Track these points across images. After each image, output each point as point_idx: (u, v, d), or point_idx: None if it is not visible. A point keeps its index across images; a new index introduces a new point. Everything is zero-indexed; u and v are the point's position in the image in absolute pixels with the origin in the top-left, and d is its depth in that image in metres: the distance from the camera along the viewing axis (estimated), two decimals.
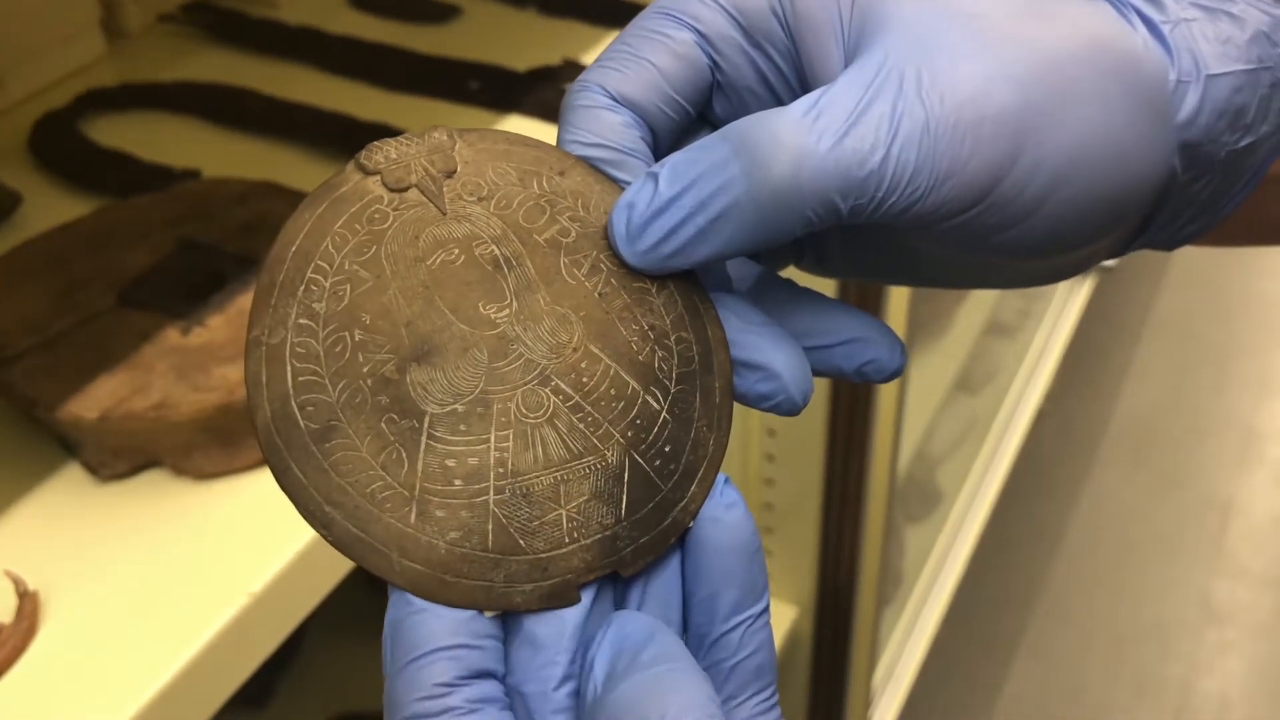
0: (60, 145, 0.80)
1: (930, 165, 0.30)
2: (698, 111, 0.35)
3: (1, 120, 0.83)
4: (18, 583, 0.53)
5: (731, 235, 0.31)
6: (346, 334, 0.31)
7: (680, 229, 0.31)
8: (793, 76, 0.34)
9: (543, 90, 0.85)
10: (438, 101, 0.86)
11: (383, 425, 0.31)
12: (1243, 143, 0.34)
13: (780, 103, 0.34)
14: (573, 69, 0.88)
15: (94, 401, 0.57)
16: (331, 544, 0.30)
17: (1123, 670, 1.80)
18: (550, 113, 0.83)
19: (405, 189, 0.33)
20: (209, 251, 0.66)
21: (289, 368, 0.31)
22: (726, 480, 0.32)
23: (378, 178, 0.33)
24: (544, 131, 0.82)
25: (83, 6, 0.88)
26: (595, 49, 0.91)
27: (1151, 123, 0.33)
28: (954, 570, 1.60)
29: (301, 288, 0.32)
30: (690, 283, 0.34)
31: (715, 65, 0.34)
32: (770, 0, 0.34)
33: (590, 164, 0.34)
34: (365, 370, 0.31)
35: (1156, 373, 2.28)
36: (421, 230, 0.33)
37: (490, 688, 0.29)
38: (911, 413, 1.48)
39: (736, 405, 0.34)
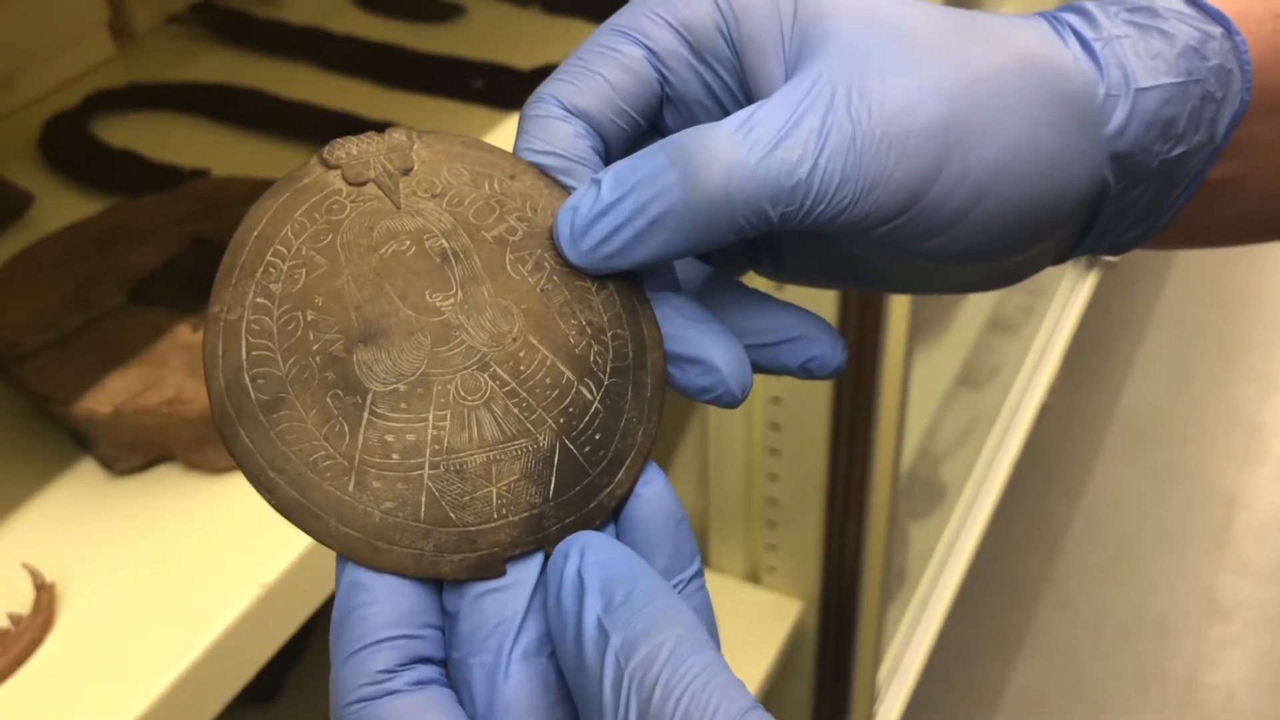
0: (70, 145, 0.81)
1: (856, 175, 0.32)
2: (649, 123, 0.37)
3: (12, 121, 0.84)
4: (35, 575, 0.54)
5: (668, 239, 0.33)
6: (299, 314, 0.33)
7: (619, 231, 0.33)
8: (738, 90, 0.36)
9: None
10: (442, 100, 0.87)
11: (328, 400, 0.33)
12: (1175, 152, 0.36)
13: (726, 114, 0.36)
14: None
15: (107, 397, 0.58)
16: (274, 508, 0.32)
17: (1127, 664, 1.80)
18: None
19: (363, 183, 0.35)
20: (218, 249, 0.66)
21: (244, 343, 0.33)
22: (650, 464, 0.34)
23: (338, 172, 0.35)
24: None
25: (91, 8, 0.89)
26: None
27: (1079, 135, 0.34)
28: (958, 565, 1.61)
29: (260, 269, 0.33)
30: (629, 284, 0.36)
31: (664, 79, 0.36)
32: (715, 19, 0.35)
33: (541, 170, 0.36)
34: (315, 348, 0.33)
35: (1160, 368, 2.28)
36: (376, 222, 0.35)
37: (430, 671, 0.31)
38: (915, 408, 1.49)
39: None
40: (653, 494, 0.34)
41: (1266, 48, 0.37)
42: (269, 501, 0.32)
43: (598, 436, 0.34)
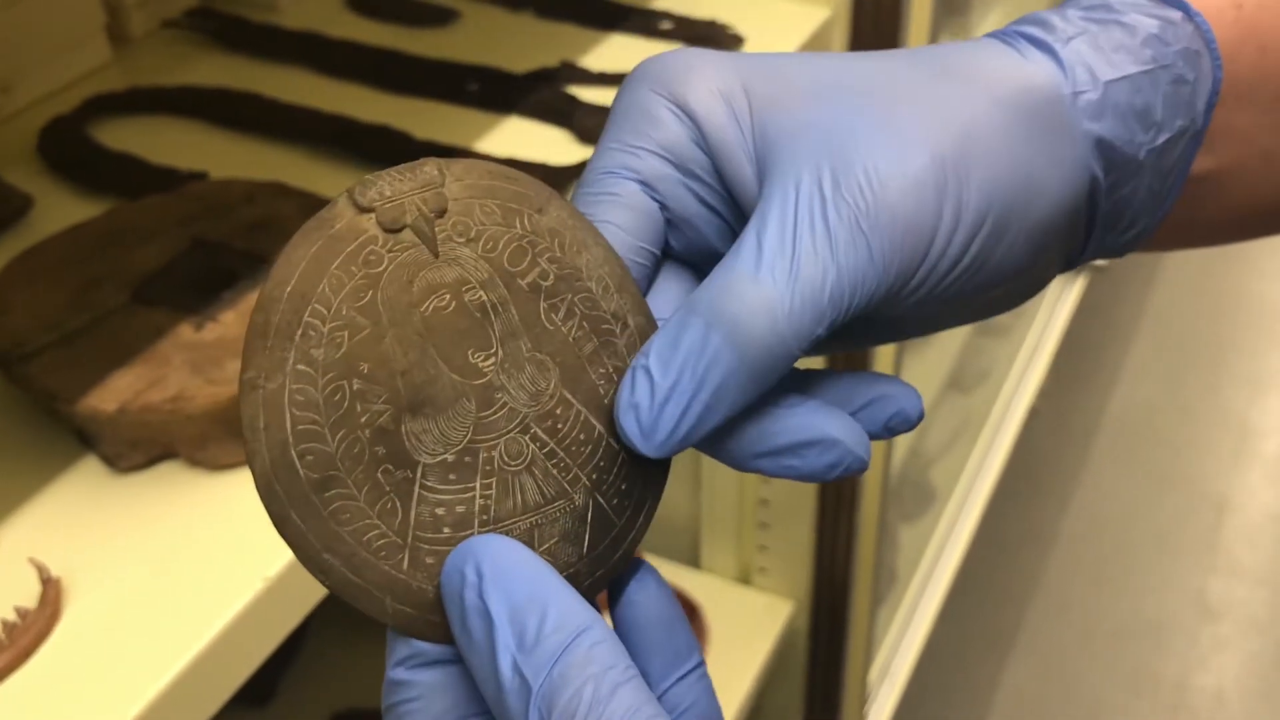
0: (69, 149, 0.82)
1: (872, 257, 0.32)
2: (662, 251, 0.37)
3: (11, 125, 0.84)
4: (41, 570, 0.55)
5: (735, 399, 0.32)
6: (345, 383, 0.32)
7: (688, 411, 0.32)
8: (727, 195, 0.36)
9: (540, 92, 0.86)
10: (436, 103, 0.87)
11: (379, 475, 0.32)
12: (1159, 140, 0.36)
13: (725, 222, 0.36)
14: (569, 71, 0.89)
15: (111, 395, 0.58)
16: (327, 587, 0.32)
17: (1118, 667, 1.81)
18: (547, 114, 0.85)
19: (400, 229, 0.33)
20: (219, 249, 0.67)
21: (288, 415, 0.31)
22: (643, 565, 0.34)
23: (372, 216, 0.33)
24: (541, 131, 0.84)
25: (88, 13, 0.89)
26: (591, 51, 0.93)
27: (1057, 140, 0.35)
28: (949, 568, 1.62)
29: (299, 332, 0.32)
30: (646, 319, 0.35)
31: (661, 205, 0.36)
32: (688, 133, 0.35)
33: (563, 200, 0.35)
34: (363, 420, 0.32)
35: (1150, 370, 2.29)
36: (415, 274, 0.33)
37: None
38: None
39: None
40: (646, 599, 0.34)
41: (1230, 34, 0.37)
42: (322, 582, 0.32)
43: (624, 487, 0.34)
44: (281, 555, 0.56)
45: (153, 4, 0.95)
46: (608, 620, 0.32)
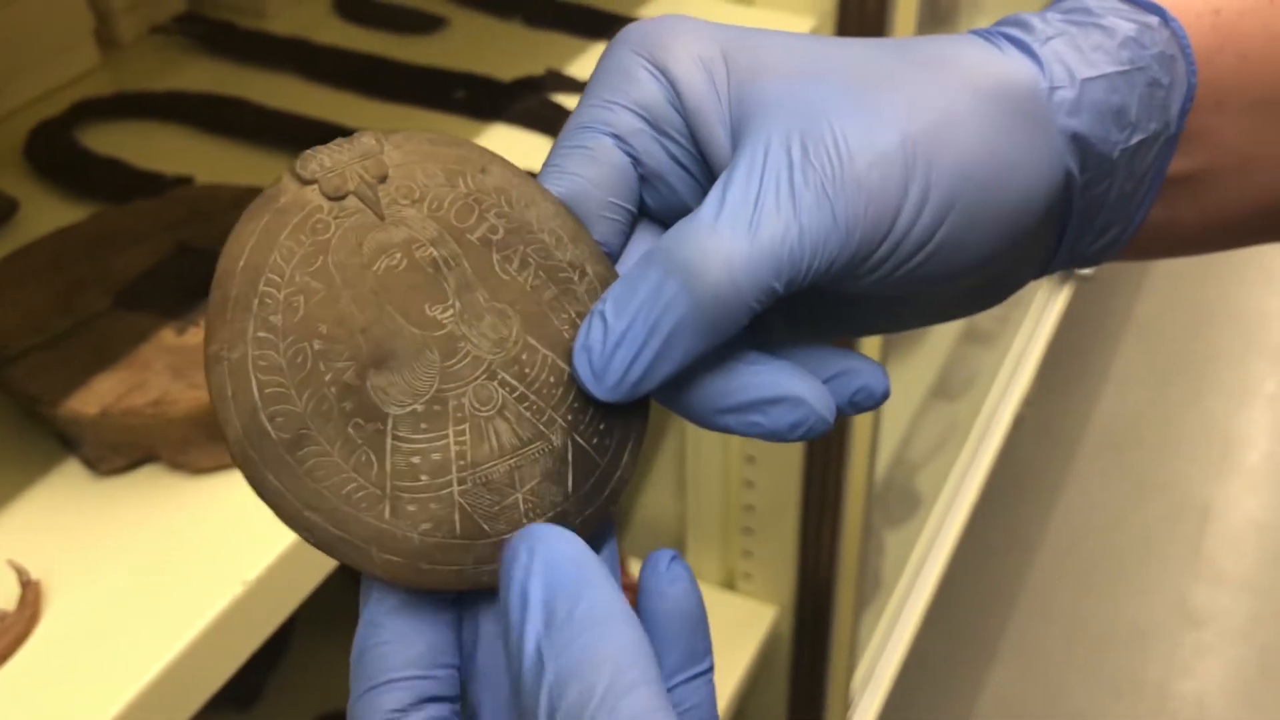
0: (55, 153, 0.82)
1: (836, 222, 0.33)
2: (637, 207, 0.37)
3: None
4: (21, 572, 0.55)
5: (688, 346, 0.33)
6: (306, 344, 0.33)
7: (640, 356, 0.33)
8: (700, 156, 0.37)
9: (527, 99, 0.87)
10: (423, 110, 0.88)
11: (350, 430, 0.33)
12: (1133, 140, 0.37)
13: (697, 181, 0.37)
14: (556, 79, 0.90)
15: (93, 398, 0.59)
16: (314, 545, 0.32)
17: (1101, 672, 1.82)
18: (533, 122, 0.85)
19: (343, 197, 0.34)
20: (203, 255, 0.68)
21: (254, 380, 0.32)
22: (674, 557, 0.34)
23: (315, 187, 0.34)
24: (529, 140, 0.85)
25: (77, 18, 0.90)
26: (578, 60, 0.93)
27: (1033, 133, 0.35)
28: (934, 573, 1.62)
29: (256, 301, 0.33)
30: (606, 268, 0.36)
31: (635, 160, 0.37)
32: (664, 93, 0.36)
33: (505, 160, 0.36)
34: (328, 379, 0.33)
35: (1134, 379, 2.30)
36: (364, 237, 0.34)
37: (441, 710, 0.32)
38: (889, 418, 1.51)
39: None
40: (677, 593, 0.33)
41: (1207, 40, 0.38)
42: (308, 540, 0.32)
43: (602, 426, 0.35)
44: (261, 558, 0.57)
45: (141, 9, 0.95)
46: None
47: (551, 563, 0.30)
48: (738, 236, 0.32)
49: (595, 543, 0.35)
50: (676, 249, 0.33)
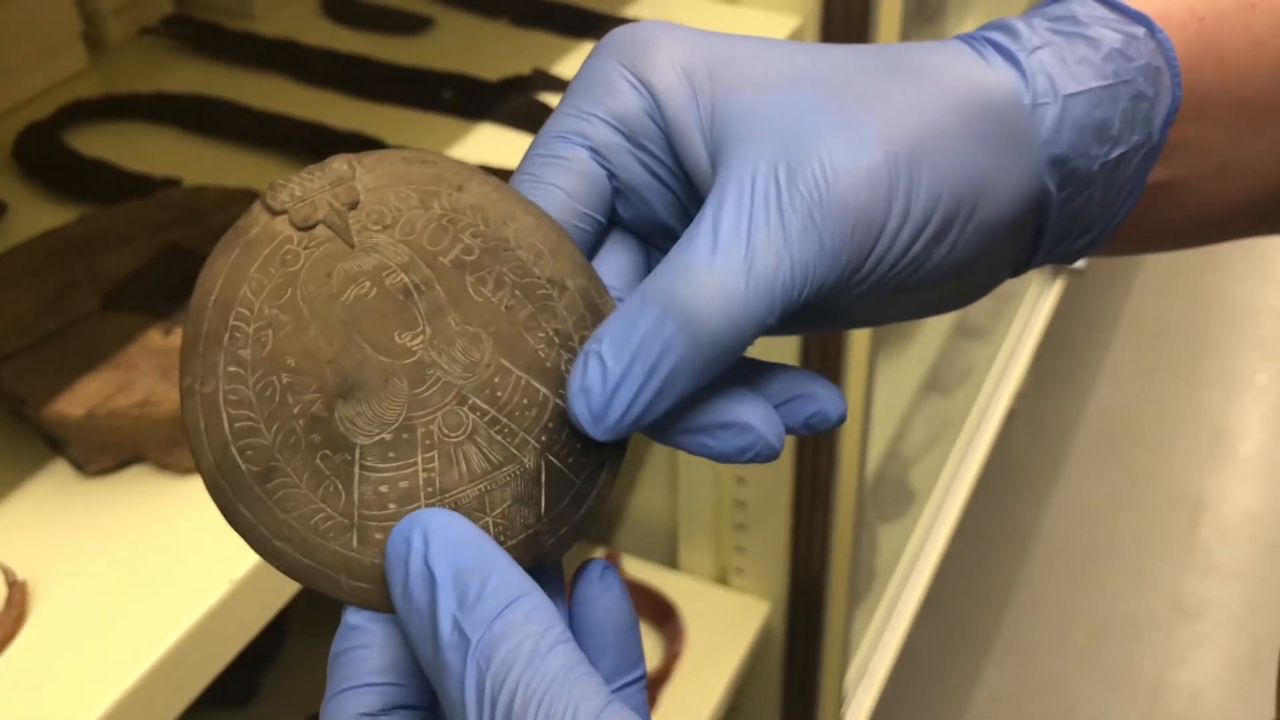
0: (44, 155, 0.82)
1: (823, 248, 0.33)
2: (608, 219, 0.37)
3: None
4: (7, 573, 0.55)
5: (686, 384, 0.33)
6: (274, 378, 0.33)
7: (639, 396, 0.33)
8: (678, 169, 0.37)
9: (514, 99, 0.87)
10: (411, 110, 0.88)
11: (318, 461, 0.33)
12: (1113, 154, 0.37)
13: (674, 195, 0.37)
14: (543, 79, 0.90)
15: (80, 399, 0.59)
16: (284, 573, 0.33)
17: (1095, 665, 1.82)
18: (520, 121, 0.86)
19: (312, 226, 0.34)
20: (191, 256, 0.68)
21: (224, 415, 0.33)
22: (607, 566, 0.34)
23: (285, 217, 0.34)
24: (514, 138, 0.85)
25: (64, 20, 0.90)
26: (565, 59, 0.94)
27: (1012, 147, 0.35)
28: (927, 568, 1.62)
29: (226, 336, 0.33)
30: (588, 279, 0.36)
31: (610, 173, 0.37)
32: (643, 104, 0.36)
33: (486, 173, 0.36)
34: (296, 411, 0.33)
35: (1127, 372, 2.31)
36: (333, 266, 0.34)
37: (411, 718, 0.33)
38: (881, 413, 1.51)
39: None
40: (610, 602, 0.34)
41: (1191, 49, 0.38)
42: (278, 568, 0.33)
43: (579, 445, 0.35)
44: (247, 558, 0.57)
45: (129, 11, 0.95)
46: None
47: (453, 543, 0.31)
48: (734, 274, 0.32)
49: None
50: (674, 288, 0.33)
